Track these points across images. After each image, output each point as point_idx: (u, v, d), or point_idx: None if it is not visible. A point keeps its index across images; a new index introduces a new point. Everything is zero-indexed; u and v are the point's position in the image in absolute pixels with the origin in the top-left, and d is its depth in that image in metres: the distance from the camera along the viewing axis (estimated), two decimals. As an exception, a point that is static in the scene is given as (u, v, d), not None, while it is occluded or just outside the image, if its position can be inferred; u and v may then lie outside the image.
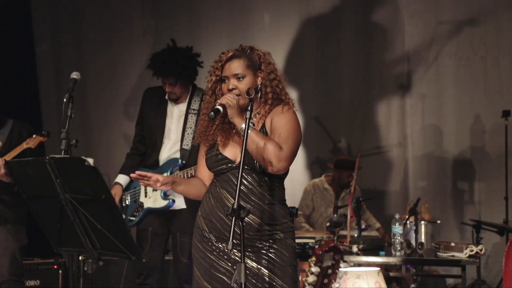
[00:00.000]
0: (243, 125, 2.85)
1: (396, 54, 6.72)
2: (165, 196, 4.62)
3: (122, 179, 4.76)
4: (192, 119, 4.64)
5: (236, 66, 2.98)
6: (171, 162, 4.64)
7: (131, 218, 4.70)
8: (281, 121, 2.97)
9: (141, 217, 4.69)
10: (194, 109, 4.64)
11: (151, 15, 6.97)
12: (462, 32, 6.57)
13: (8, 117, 4.76)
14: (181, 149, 4.63)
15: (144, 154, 4.79)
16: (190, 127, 4.63)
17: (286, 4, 6.82)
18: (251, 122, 2.94)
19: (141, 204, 4.70)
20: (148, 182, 3.01)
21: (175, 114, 4.71)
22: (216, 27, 6.83)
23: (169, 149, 4.68)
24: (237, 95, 2.94)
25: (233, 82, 2.97)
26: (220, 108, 2.86)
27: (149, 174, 3.02)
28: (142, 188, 4.71)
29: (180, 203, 4.62)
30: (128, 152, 4.87)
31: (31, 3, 6.97)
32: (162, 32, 6.82)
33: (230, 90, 2.97)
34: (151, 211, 4.67)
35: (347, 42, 6.80)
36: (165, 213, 4.68)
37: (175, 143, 4.68)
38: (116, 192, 4.72)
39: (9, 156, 4.44)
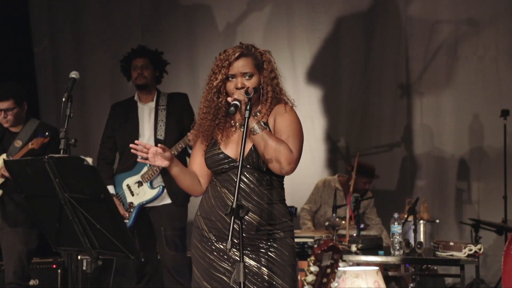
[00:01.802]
0: (254, 124, 2.85)
1: (395, 54, 6.72)
2: (152, 186, 4.68)
3: (111, 189, 4.81)
4: (162, 113, 4.83)
5: (245, 65, 2.95)
6: None
7: (124, 221, 4.72)
8: (285, 122, 2.96)
9: (135, 216, 4.74)
10: (162, 105, 4.85)
11: (150, 15, 6.97)
12: (461, 32, 6.58)
13: (37, 118, 4.94)
14: (156, 140, 4.76)
15: (112, 163, 4.95)
16: (162, 120, 4.82)
17: (285, 4, 6.82)
18: (263, 122, 2.93)
19: (131, 204, 4.75)
20: (147, 155, 2.93)
21: (146, 112, 4.89)
22: (214, 27, 6.83)
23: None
24: None
25: (241, 81, 2.94)
26: (238, 103, 2.84)
27: (148, 145, 2.94)
28: (126, 189, 4.80)
29: (163, 198, 4.73)
30: (97, 164, 4.91)
31: (29, 3, 6.97)
32: (160, 32, 6.82)
33: (238, 89, 2.93)
34: (142, 206, 4.72)
35: (346, 42, 6.81)
36: (146, 211, 4.76)
37: (149, 137, 4.81)
38: (118, 203, 4.76)
39: (17, 157, 4.48)
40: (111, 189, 4.80)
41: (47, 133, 4.60)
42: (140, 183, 4.75)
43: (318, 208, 6.09)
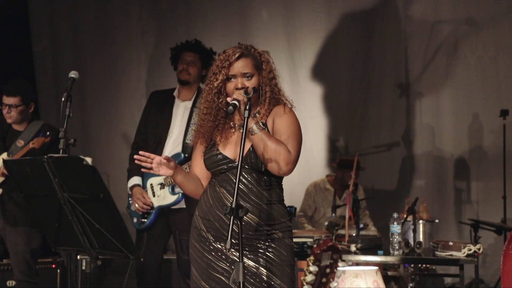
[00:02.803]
0: (253, 124, 2.86)
1: (394, 54, 6.72)
2: (173, 191, 4.64)
3: (138, 180, 4.73)
4: (197, 116, 4.68)
5: (245, 65, 2.96)
6: (173, 157, 4.64)
7: (143, 220, 4.69)
8: (284, 123, 2.96)
9: (154, 217, 4.68)
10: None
11: (150, 14, 6.96)
12: (460, 32, 6.58)
13: (40, 119, 4.96)
14: (184, 144, 4.66)
15: None
16: (194, 123, 4.68)
17: (284, 4, 6.82)
18: (261, 122, 2.94)
19: (151, 205, 4.70)
20: (151, 165, 2.94)
21: (180, 110, 4.77)
22: (214, 27, 6.83)
23: (172, 144, 4.69)
24: None
25: (241, 81, 2.95)
26: (237, 103, 2.84)
27: (152, 155, 2.95)
28: (149, 188, 4.72)
29: (180, 203, 4.66)
30: (131, 153, 4.83)
31: (29, 3, 6.97)
32: (160, 32, 6.82)
33: (238, 89, 2.94)
34: (162, 209, 4.68)
35: (346, 42, 6.80)
36: (164, 213, 4.70)
37: (177, 138, 4.70)
38: (141, 192, 4.69)
39: (17, 156, 4.49)
40: (137, 180, 4.70)
41: (48, 133, 4.59)
42: (162, 186, 4.65)
43: (314, 212, 6.09)
